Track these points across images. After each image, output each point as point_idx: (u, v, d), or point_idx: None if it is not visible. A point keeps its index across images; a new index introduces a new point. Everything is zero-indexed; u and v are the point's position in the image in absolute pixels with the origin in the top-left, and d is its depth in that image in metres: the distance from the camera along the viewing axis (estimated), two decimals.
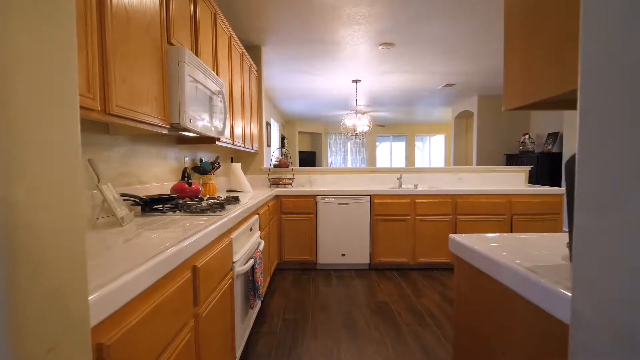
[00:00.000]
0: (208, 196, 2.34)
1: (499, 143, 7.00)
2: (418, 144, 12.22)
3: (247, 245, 1.92)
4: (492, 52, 4.15)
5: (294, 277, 3.27)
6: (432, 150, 12.34)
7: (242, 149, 3.15)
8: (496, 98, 6.92)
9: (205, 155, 2.90)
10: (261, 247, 2.13)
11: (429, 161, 12.40)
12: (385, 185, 3.94)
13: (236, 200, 2.09)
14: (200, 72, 1.78)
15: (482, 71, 5.05)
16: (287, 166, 3.81)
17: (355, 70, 4.96)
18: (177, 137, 2.24)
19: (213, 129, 2.02)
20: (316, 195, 3.36)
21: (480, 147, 7.00)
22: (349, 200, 3.35)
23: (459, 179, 3.99)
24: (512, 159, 6.62)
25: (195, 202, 1.79)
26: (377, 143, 12.01)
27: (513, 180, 4.01)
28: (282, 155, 9.40)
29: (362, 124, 6.37)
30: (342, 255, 3.38)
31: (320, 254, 3.39)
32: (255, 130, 3.77)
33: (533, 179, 5.80)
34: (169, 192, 2.06)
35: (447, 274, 3.30)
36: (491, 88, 6.28)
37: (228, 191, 3.08)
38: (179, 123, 1.57)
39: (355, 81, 5.52)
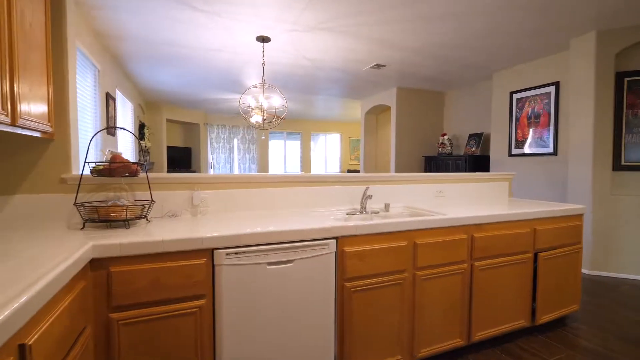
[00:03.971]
0: None
1: (418, 143, 6.21)
2: (311, 143, 11.00)
3: None
4: (450, 14, 2.93)
5: None
6: (328, 151, 11.34)
7: None
8: (416, 92, 6.09)
9: None
10: None
11: (325, 164, 11.34)
12: (331, 207, 2.21)
13: None
14: None
15: (421, 50, 3.90)
16: (135, 173, 1.63)
17: (266, 16, 3.06)
18: None
19: None
20: (213, 249, 1.36)
21: (399, 148, 6.06)
22: (290, 255, 1.48)
23: (439, 192, 2.62)
24: (432, 162, 5.88)
25: None
26: (269, 140, 10.22)
27: (496, 193, 2.89)
28: (142, 151, 6.48)
29: (272, 103, 4.45)
30: None
31: None
32: (42, 92, 1.47)
33: None
34: None
35: None
36: (413, 77, 5.33)
37: None
38: None
39: (263, 39, 3.61)
